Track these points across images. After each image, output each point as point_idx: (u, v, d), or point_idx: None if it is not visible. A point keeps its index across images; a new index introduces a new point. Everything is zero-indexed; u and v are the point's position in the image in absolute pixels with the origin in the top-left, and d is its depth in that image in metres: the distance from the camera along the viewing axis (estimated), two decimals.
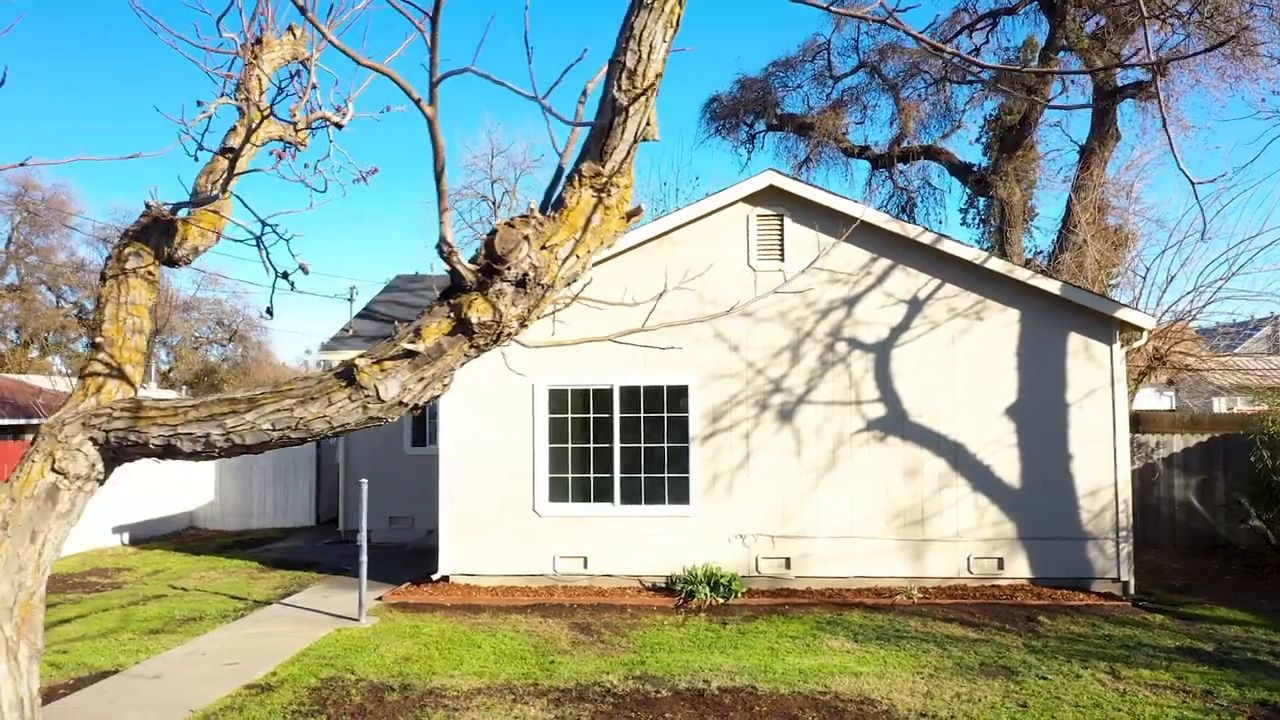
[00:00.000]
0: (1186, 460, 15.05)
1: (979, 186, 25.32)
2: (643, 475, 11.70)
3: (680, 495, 11.63)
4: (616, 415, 11.73)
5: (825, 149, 26.98)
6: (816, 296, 11.69)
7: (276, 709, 7.19)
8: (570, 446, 11.87)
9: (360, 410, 3.36)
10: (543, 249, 3.29)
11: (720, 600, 10.92)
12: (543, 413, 11.80)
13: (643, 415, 11.77)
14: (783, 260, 11.69)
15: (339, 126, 4.52)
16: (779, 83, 27.09)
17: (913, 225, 11.69)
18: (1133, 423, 13.87)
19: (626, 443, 11.74)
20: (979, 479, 11.33)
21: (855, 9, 2.29)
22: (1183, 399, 21.86)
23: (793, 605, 10.69)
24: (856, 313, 11.63)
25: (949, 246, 11.46)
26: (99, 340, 3.91)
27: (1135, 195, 22.01)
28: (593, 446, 11.82)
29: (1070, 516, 11.18)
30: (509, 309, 3.25)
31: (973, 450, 11.34)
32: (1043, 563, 11.22)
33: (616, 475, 11.70)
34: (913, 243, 11.48)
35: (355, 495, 16.53)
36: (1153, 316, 12.00)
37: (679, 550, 11.51)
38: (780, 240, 11.71)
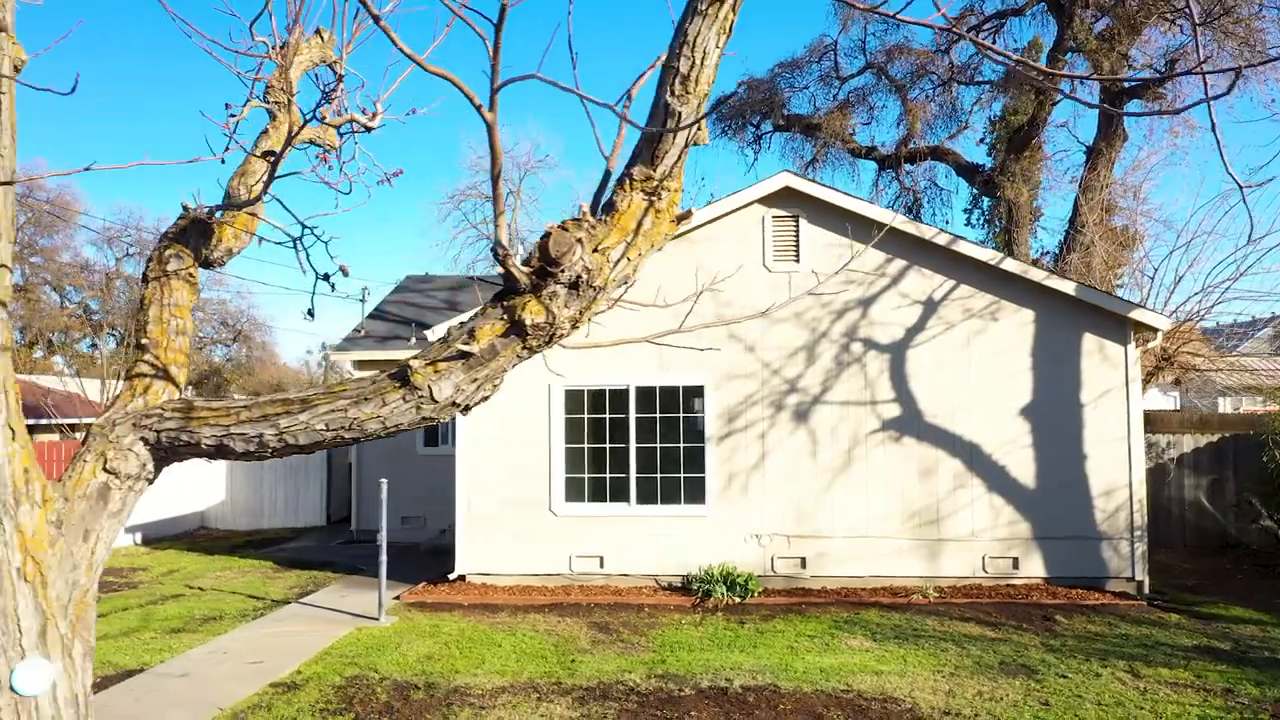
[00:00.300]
0: (1197, 460, 15.08)
1: (986, 187, 25.36)
2: (659, 475, 11.75)
3: (696, 495, 11.67)
4: (632, 415, 11.77)
5: (832, 149, 27.00)
6: (831, 297, 11.73)
7: (304, 707, 7.24)
8: (586, 447, 11.92)
9: (414, 411, 3.41)
10: (595, 252, 3.34)
11: (737, 600, 10.97)
12: (559, 413, 11.85)
13: (658, 415, 11.81)
14: (798, 261, 11.73)
15: (368, 129, 4.57)
16: (785, 83, 27.14)
17: (928, 226, 11.73)
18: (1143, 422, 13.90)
19: (642, 443, 11.79)
20: (994, 479, 11.37)
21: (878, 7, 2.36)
22: (1191, 399, 21.89)
23: (809, 604, 10.73)
24: (872, 313, 11.67)
25: (964, 248, 11.51)
26: (144, 342, 3.94)
27: (1143, 196, 22.08)
28: (609, 447, 11.87)
29: (1085, 516, 11.23)
30: (562, 311, 3.29)
31: (988, 450, 11.38)
32: (1057, 562, 11.26)
33: (632, 475, 11.74)
34: (928, 244, 11.52)
35: (368, 495, 16.60)
36: (1167, 317, 12.02)
37: (695, 550, 11.56)
38: (796, 241, 11.75)
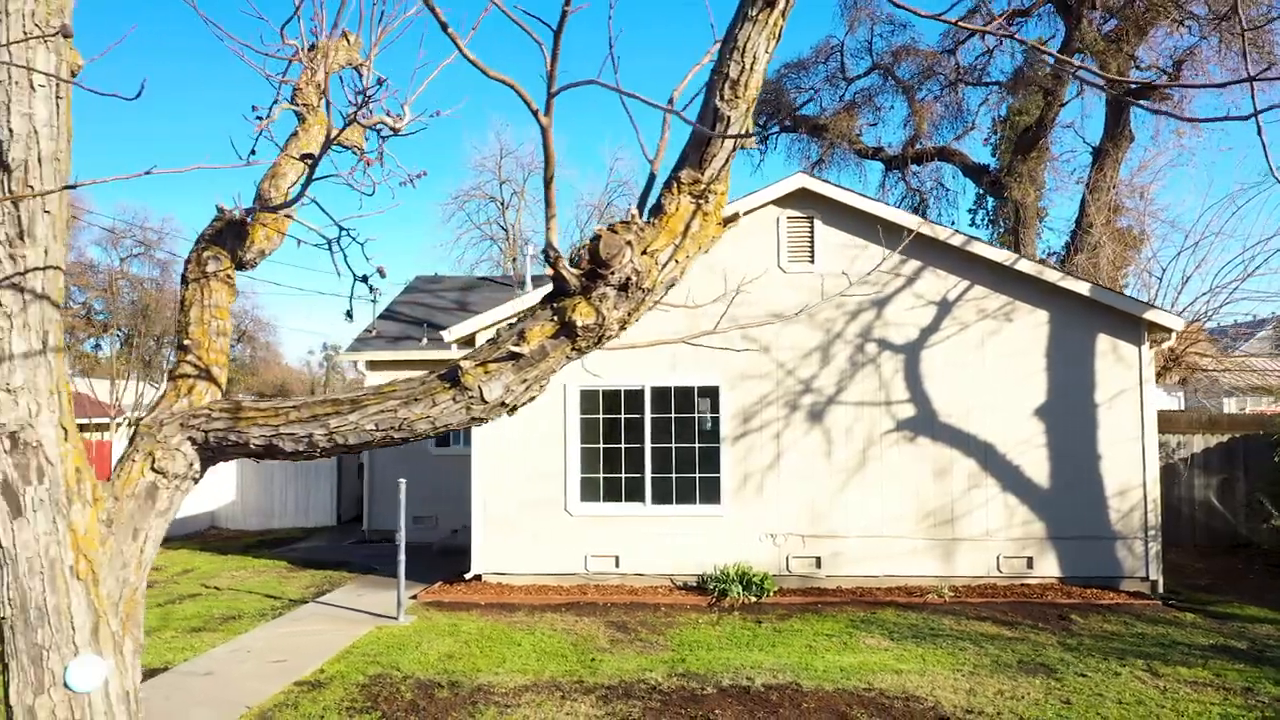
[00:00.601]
0: (1207, 460, 15.12)
1: (993, 188, 25.41)
2: (674, 475, 11.79)
3: (711, 495, 11.72)
4: (648, 415, 11.81)
5: (838, 150, 27.04)
6: (845, 298, 11.77)
7: (331, 705, 7.29)
8: (602, 447, 11.96)
9: (464, 411, 3.45)
10: (644, 254, 3.38)
11: (752, 599, 11.01)
12: (574, 413, 11.89)
13: (674, 416, 11.86)
14: (812, 262, 11.77)
15: (395, 131, 4.63)
16: (791, 84, 27.16)
17: (943, 228, 11.77)
18: None
19: (658, 443, 11.83)
20: (1009, 479, 11.41)
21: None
22: (1200, 399, 21.93)
23: (825, 604, 10.78)
24: (886, 314, 11.72)
25: (979, 248, 11.55)
26: (186, 343, 3.99)
27: (1149, 197, 22.12)
28: (624, 447, 11.91)
29: (1099, 516, 11.26)
30: (611, 312, 3.33)
31: (1002, 450, 11.42)
32: (1072, 562, 11.30)
33: (648, 475, 11.79)
34: (942, 244, 11.55)
35: (381, 496, 16.67)
36: (1181, 318, 12.06)
37: (710, 549, 11.60)
38: (810, 242, 11.79)
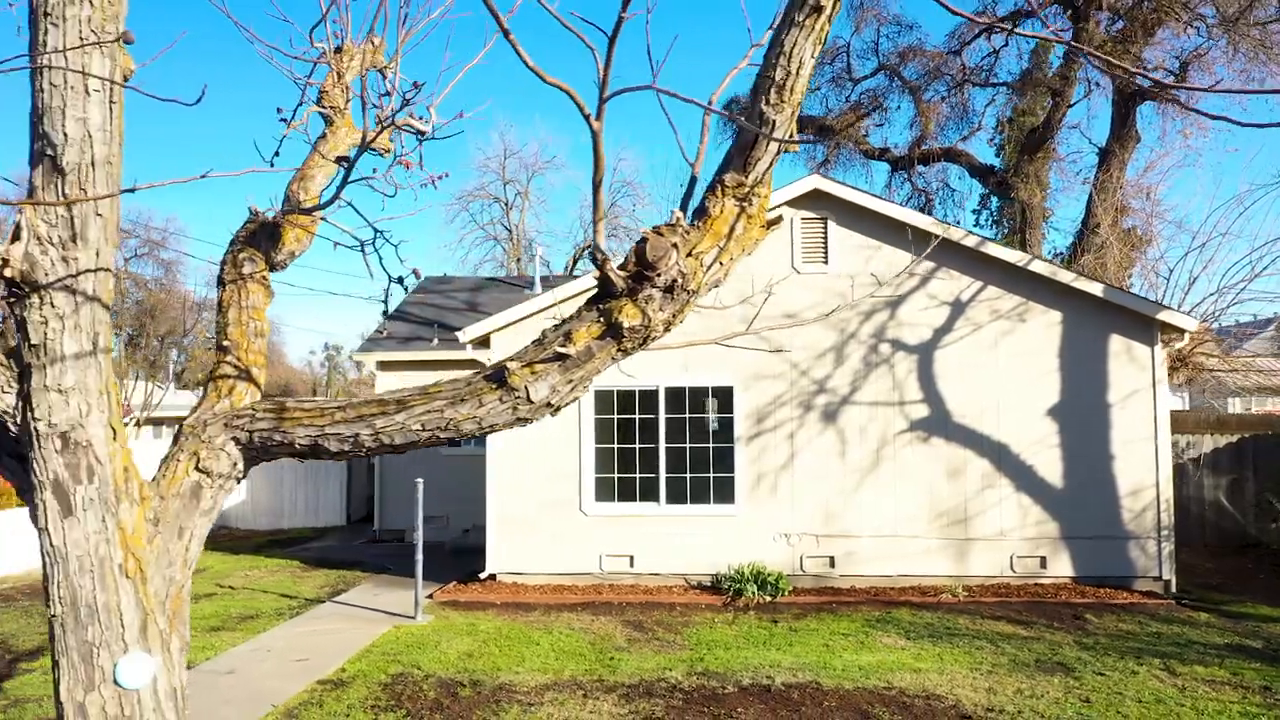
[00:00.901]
0: (1216, 460, 15.16)
1: (999, 188, 25.46)
2: (688, 475, 11.84)
3: (725, 495, 11.76)
4: (662, 416, 11.86)
5: (844, 151, 27.09)
6: (858, 299, 11.81)
7: (355, 703, 7.34)
8: (616, 447, 12.00)
9: (510, 411, 3.49)
10: (689, 256, 3.42)
11: (767, 599, 11.05)
12: (589, 414, 11.93)
13: (688, 416, 11.90)
14: (826, 263, 11.82)
15: (421, 134, 4.67)
16: None
17: (956, 229, 11.81)
18: None
19: (672, 443, 11.88)
20: (1022, 479, 11.45)
21: None
22: (1206, 399, 21.97)
23: (840, 603, 10.82)
24: (900, 314, 11.76)
25: (992, 249, 11.59)
26: (225, 344, 4.02)
27: (1156, 198, 22.13)
28: (638, 447, 11.96)
29: (1112, 516, 11.30)
30: (656, 314, 3.37)
31: (1016, 450, 11.46)
32: (1085, 562, 11.34)
33: (662, 475, 11.83)
34: (956, 245, 11.59)
35: (392, 496, 16.73)
36: (1193, 318, 12.09)
37: (724, 549, 11.64)
38: (824, 243, 11.84)
